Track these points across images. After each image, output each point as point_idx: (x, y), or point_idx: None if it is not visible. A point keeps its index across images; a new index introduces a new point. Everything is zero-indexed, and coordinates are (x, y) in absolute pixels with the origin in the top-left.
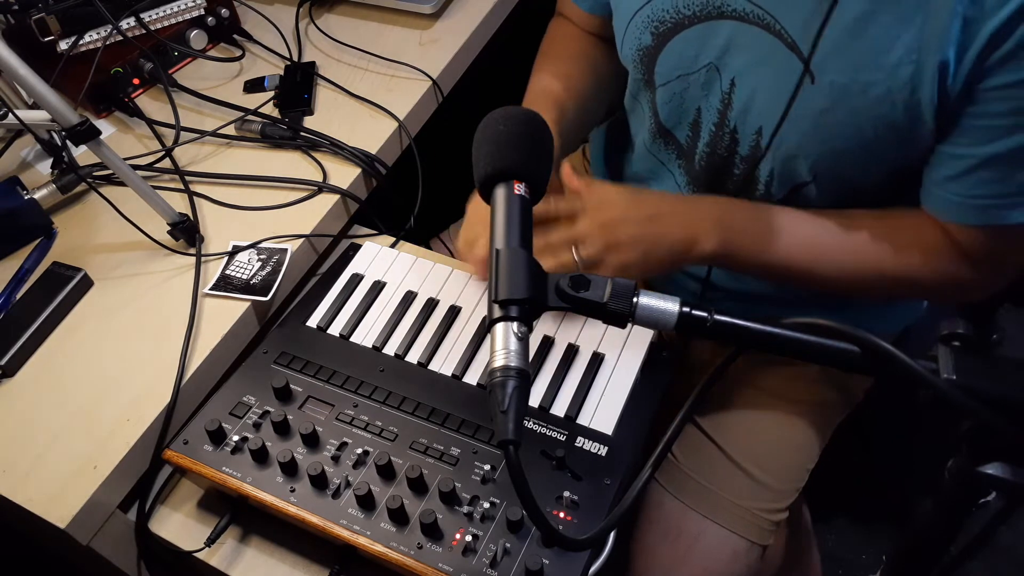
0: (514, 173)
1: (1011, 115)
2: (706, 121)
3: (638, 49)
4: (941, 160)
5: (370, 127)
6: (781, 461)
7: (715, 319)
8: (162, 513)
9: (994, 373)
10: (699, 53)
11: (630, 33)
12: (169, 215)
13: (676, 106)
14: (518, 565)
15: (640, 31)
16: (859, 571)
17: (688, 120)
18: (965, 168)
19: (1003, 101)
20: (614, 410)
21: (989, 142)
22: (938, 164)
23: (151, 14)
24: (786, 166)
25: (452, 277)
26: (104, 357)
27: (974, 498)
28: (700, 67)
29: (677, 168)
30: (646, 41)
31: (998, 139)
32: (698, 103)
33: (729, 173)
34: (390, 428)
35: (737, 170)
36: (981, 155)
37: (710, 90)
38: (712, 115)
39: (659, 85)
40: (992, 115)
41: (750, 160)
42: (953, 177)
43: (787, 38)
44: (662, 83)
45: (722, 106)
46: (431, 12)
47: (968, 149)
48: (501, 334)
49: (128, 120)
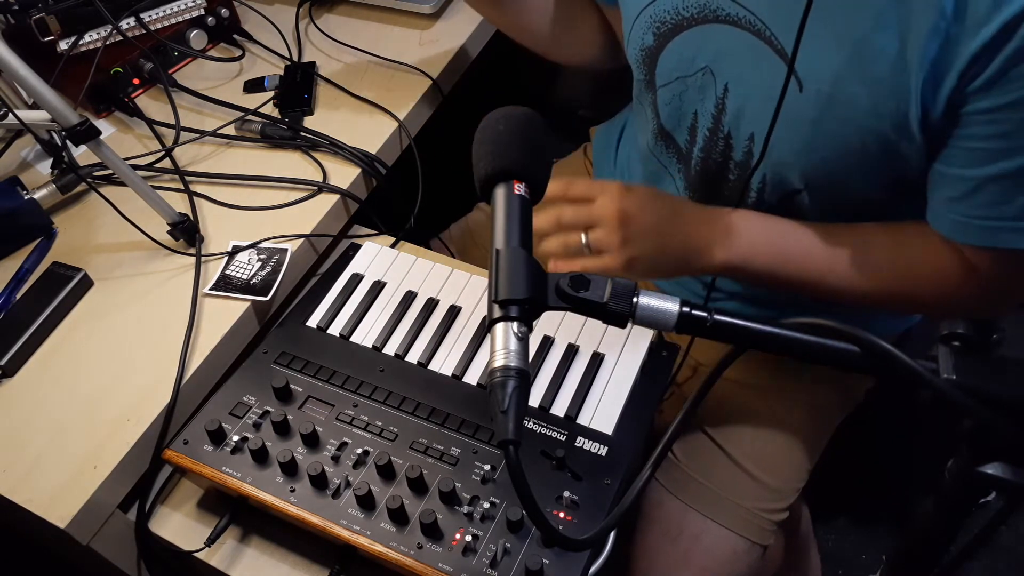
0: (514, 173)
1: (1000, 138)
2: (701, 126)
3: (641, 49)
4: (942, 181)
5: (370, 127)
6: (781, 461)
7: (715, 319)
8: (162, 513)
9: (994, 373)
10: (696, 56)
11: (635, 32)
12: (169, 215)
13: (675, 108)
14: (518, 565)
15: (643, 31)
16: (859, 571)
17: (686, 124)
18: (966, 190)
19: (990, 125)
20: (614, 410)
21: (982, 164)
22: (940, 185)
23: (151, 14)
24: (778, 174)
25: (452, 277)
26: (104, 357)
27: (974, 498)
28: (697, 70)
29: (677, 172)
30: (648, 41)
31: (992, 162)
32: (695, 106)
33: (724, 179)
34: (390, 428)
35: (732, 176)
36: (978, 177)
37: (705, 94)
38: (707, 120)
39: (660, 86)
40: (981, 138)
41: (744, 166)
42: (956, 198)
43: (776, 44)
44: (662, 84)
45: (716, 111)
46: (431, 12)
47: (963, 171)
48: (501, 334)
49: (128, 120)
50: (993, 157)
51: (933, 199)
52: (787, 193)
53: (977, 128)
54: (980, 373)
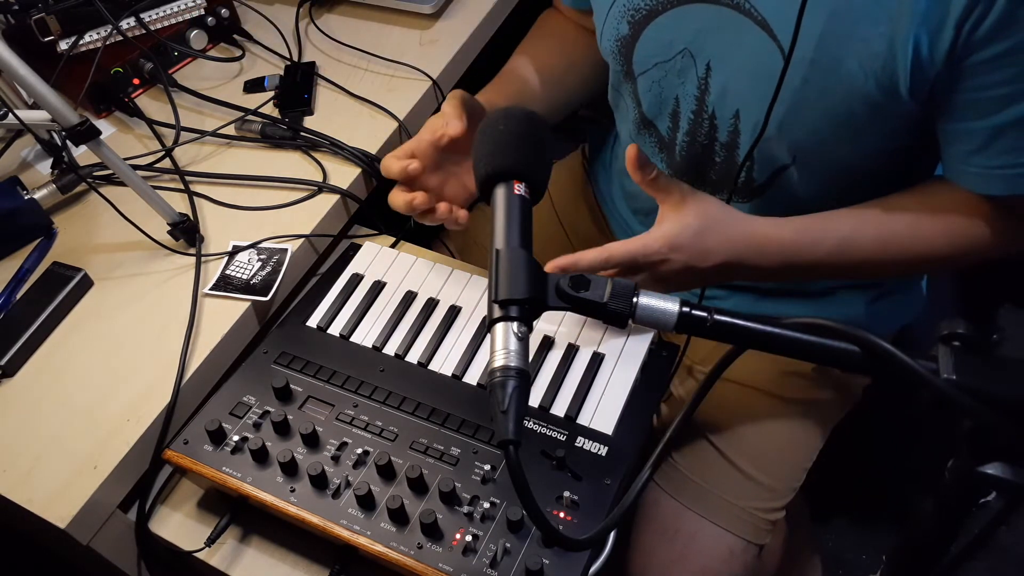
0: (514, 173)
1: (1011, 83)
2: (685, 110)
3: (616, 39)
4: (955, 137)
5: (370, 127)
6: (778, 460)
7: (715, 319)
8: (162, 513)
9: (994, 373)
10: (673, 39)
11: (608, 24)
12: (169, 215)
13: (656, 96)
14: (518, 565)
15: (617, 21)
16: (859, 571)
17: (668, 110)
18: (981, 141)
19: (999, 71)
20: (614, 410)
21: (996, 112)
22: (953, 141)
23: (151, 14)
24: (765, 149)
25: (452, 277)
26: (104, 357)
27: (974, 498)
28: (675, 54)
29: (659, 161)
30: (623, 31)
31: (1004, 108)
32: (675, 91)
33: (710, 162)
34: (390, 428)
35: (718, 158)
36: (991, 126)
37: (686, 77)
38: (690, 102)
39: (638, 75)
40: (990, 86)
41: (730, 147)
42: (972, 152)
43: (756, 15)
44: (640, 72)
45: (699, 92)
46: (431, 12)
47: (976, 123)
48: (501, 334)
49: (128, 120)
50: (1004, 103)
51: (949, 156)
52: (776, 169)
53: (984, 77)
54: (980, 373)
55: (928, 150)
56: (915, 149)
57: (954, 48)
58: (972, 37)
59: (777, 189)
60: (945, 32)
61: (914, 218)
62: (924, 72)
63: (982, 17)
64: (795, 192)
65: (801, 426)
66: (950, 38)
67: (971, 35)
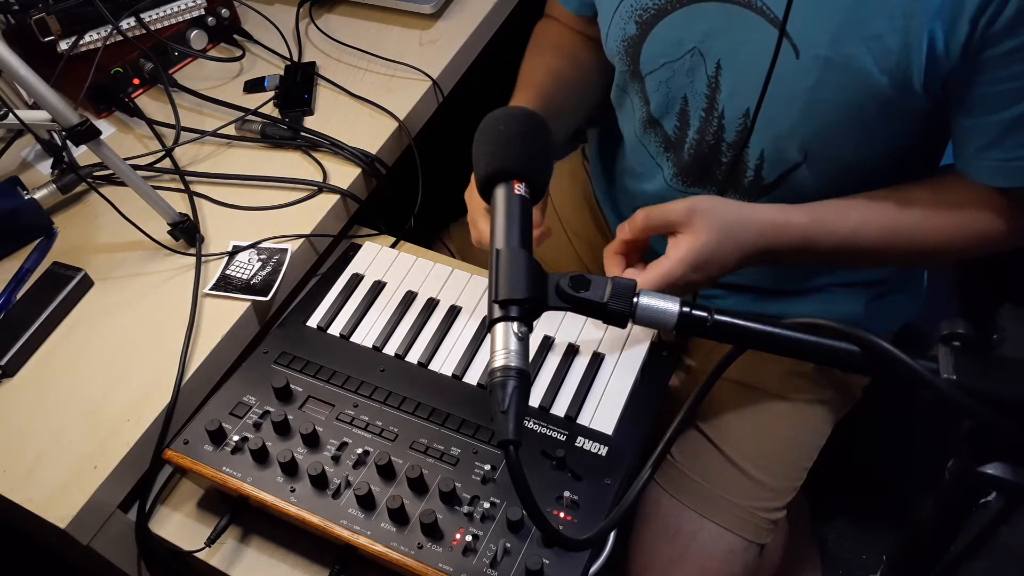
0: (514, 173)
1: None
2: (694, 108)
3: (623, 40)
4: (970, 132)
5: (370, 127)
6: (778, 460)
7: (715, 319)
8: (162, 513)
9: (994, 373)
10: (682, 38)
11: (615, 24)
12: (169, 215)
13: (663, 95)
14: (518, 565)
15: (624, 21)
16: (859, 571)
17: (675, 110)
18: (995, 135)
19: (1013, 65)
20: (614, 410)
21: (1012, 105)
22: (969, 138)
23: (151, 14)
24: (776, 147)
25: (452, 277)
26: (104, 357)
27: (974, 498)
28: (684, 53)
29: (665, 161)
30: (631, 31)
31: (1018, 102)
32: (684, 91)
33: (717, 161)
34: (390, 428)
35: (724, 158)
36: (1007, 119)
37: (695, 76)
38: (700, 101)
39: (645, 75)
40: (1006, 79)
41: (737, 145)
42: (986, 146)
43: (769, 13)
44: (648, 72)
45: (709, 91)
46: (431, 12)
47: (991, 117)
48: (501, 334)
49: (128, 120)
50: (1018, 97)
51: (963, 151)
52: (786, 169)
53: (999, 71)
54: (980, 373)
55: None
56: (922, 148)
57: (969, 42)
58: (988, 32)
59: (785, 188)
60: (960, 27)
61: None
62: (939, 67)
63: (998, 12)
64: (802, 191)
65: (802, 426)
66: (965, 32)
67: (987, 30)
